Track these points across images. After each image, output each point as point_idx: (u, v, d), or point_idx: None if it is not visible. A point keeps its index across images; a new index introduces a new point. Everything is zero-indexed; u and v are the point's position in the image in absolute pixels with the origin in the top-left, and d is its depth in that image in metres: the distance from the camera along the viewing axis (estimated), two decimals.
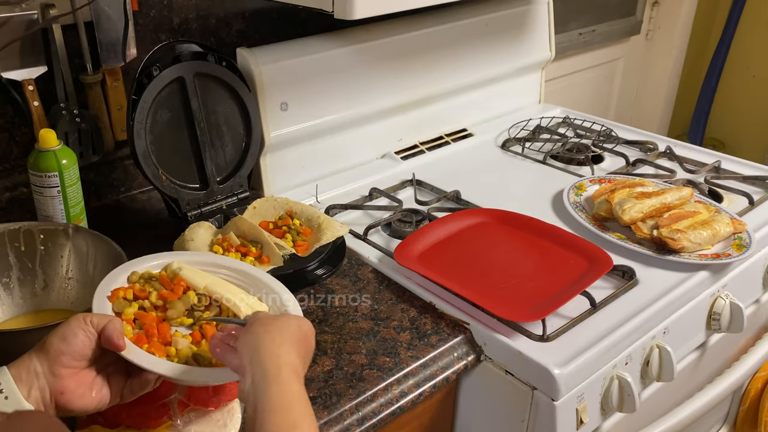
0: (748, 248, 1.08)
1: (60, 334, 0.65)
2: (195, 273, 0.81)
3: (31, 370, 0.64)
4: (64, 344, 0.64)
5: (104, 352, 0.68)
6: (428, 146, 1.45)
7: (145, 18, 1.13)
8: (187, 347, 0.73)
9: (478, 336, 0.92)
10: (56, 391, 0.64)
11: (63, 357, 0.64)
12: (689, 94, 2.56)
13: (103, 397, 0.67)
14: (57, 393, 0.64)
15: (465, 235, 1.11)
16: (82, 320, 0.66)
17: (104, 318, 0.67)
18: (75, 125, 1.10)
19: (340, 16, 0.94)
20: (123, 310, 0.74)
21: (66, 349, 0.64)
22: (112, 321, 0.67)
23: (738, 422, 1.37)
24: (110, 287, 0.76)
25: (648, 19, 2.32)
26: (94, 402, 0.66)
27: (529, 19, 1.58)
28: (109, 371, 0.68)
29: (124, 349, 0.67)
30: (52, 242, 0.90)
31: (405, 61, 1.36)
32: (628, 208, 1.12)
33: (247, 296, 0.81)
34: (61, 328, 0.66)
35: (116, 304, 0.75)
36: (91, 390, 0.66)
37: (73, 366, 0.65)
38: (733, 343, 1.24)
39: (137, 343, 0.70)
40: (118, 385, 0.68)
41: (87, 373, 0.66)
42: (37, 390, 0.63)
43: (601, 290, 0.99)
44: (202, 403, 0.73)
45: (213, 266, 0.85)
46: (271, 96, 1.17)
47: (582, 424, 0.89)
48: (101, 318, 0.67)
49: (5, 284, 0.89)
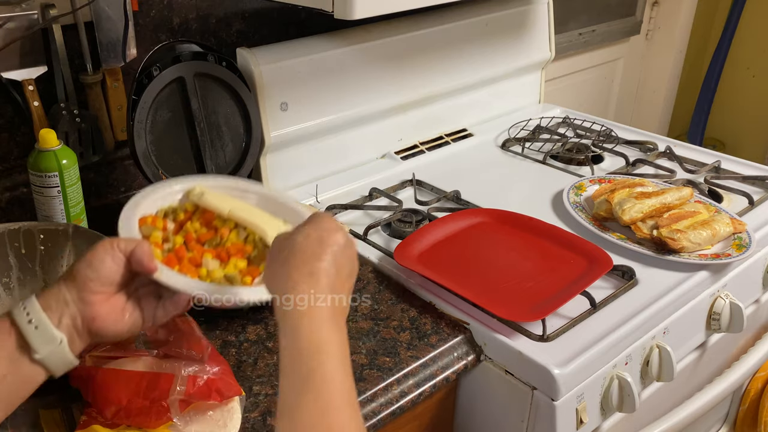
0: (748, 248, 1.08)
1: (87, 261, 0.64)
2: (218, 197, 0.78)
3: (60, 298, 0.63)
4: (92, 270, 0.63)
5: (134, 276, 0.67)
6: (428, 146, 1.45)
7: (145, 18, 1.13)
8: (219, 268, 0.72)
9: (478, 336, 0.93)
10: (88, 318, 0.63)
11: (91, 283, 0.63)
12: (689, 94, 2.56)
13: (135, 321, 0.67)
14: (89, 320, 0.64)
15: (465, 235, 1.11)
16: (109, 245, 0.65)
17: (132, 242, 0.66)
18: (75, 125, 1.10)
19: (340, 16, 0.94)
20: (151, 234, 0.72)
21: (94, 276, 0.63)
22: (140, 244, 0.66)
23: (738, 422, 1.37)
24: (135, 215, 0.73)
25: (648, 19, 2.32)
26: (127, 326, 0.66)
27: (529, 19, 1.58)
28: (140, 294, 0.67)
29: (155, 270, 0.66)
30: (52, 242, 0.90)
31: (405, 61, 1.36)
32: (628, 208, 1.12)
33: (272, 219, 0.78)
34: (88, 254, 0.65)
35: (144, 229, 0.73)
36: (123, 315, 0.66)
37: (103, 292, 0.64)
38: (732, 343, 1.24)
39: (168, 265, 0.69)
40: (150, 308, 0.67)
41: (118, 298, 0.66)
42: (68, 318, 0.63)
43: (601, 290, 0.99)
44: (204, 397, 0.73)
45: (236, 190, 0.81)
46: (271, 96, 1.17)
47: (582, 424, 0.89)
48: (129, 242, 0.66)
49: (5, 284, 0.89)
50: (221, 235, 0.77)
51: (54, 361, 0.62)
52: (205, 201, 0.78)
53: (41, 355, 0.61)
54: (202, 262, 0.73)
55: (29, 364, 0.61)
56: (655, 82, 2.43)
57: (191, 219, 0.78)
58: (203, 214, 0.78)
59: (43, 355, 0.61)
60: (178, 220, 0.77)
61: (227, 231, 0.77)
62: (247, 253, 0.76)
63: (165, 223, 0.76)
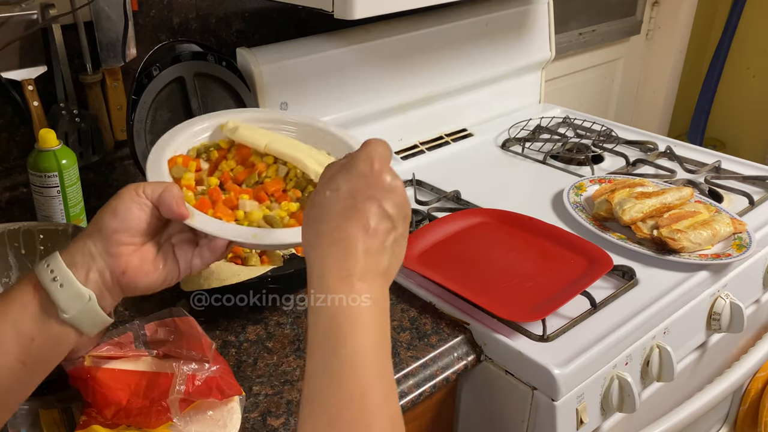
0: (748, 248, 1.08)
1: (111, 210, 0.59)
2: (253, 131, 0.72)
3: (86, 252, 0.58)
4: (117, 221, 0.58)
5: (166, 223, 0.62)
6: (428, 146, 1.45)
7: (145, 18, 1.13)
8: (257, 209, 0.66)
9: (478, 336, 0.92)
10: (117, 272, 0.59)
11: (117, 235, 0.58)
12: (689, 94, 2.56)
13: (170, 272, 0.62)
14: (118, 273, 0.59)
15: (465, 235, 1.11)
16: (134, 191, 0.59)
17: (159, 186, 0.60)
18: (75, 125, 1.10)
19: (340, 16, 0.94)
20: (182, 176, 0.67)
21: (119, 226, 0.58)
22: (168, 188, 0.60)
23: (738, 422, 1.37)
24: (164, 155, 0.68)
25: (648, 19, 2.32)
26: (161, 278, 0.62)
27: (529, 19, 1.58)
28: (174, 241, 0.63)
29: (187, 216, 0.60)
30: (52, 242, 0.90)
31: (405, 61, 1.36)
32: (628, 208, 1.12)
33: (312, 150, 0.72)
34: (112, 202, 0.59)
35: (174, 170, 0.68)
36: (156, 265, 0.61)
37: (131, 243, 0.59)
38: (733, 343, 1.24)
39: (201, 208, 0.63)
40: (187, 256, 0.62)
41: (149, 247, 0.61)
42: (96, 272, 0.58)
43: (601, 290, 0.99)
44: (204, 395, 0.73)
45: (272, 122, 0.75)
46: (271, 96, 1.17)
47: (582, 424, 0.89)
48: (155, 186, 0.60)
49: (5, 285, 0.89)
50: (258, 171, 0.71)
51: (84, 320, 0.58)
52: (239, 135, 0.71)
53: (70, 315, 0.57)
54: (238, 204, 0.67)
55: (58, 324, 0.57)
56: (655, 82, 2.43)
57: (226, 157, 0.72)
58: (239, 151, 0.72)
59: (72, 315, 0.57)
60: (211, 158, 0.71)
61: (265, 167, 0.72)
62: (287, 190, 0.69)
63: (198, 163, 0.71)
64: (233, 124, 0.73)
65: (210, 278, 0.89)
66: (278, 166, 0.72)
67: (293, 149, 0.71)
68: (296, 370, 0.85)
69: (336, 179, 0.56)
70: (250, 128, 0.72)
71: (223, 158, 0.72)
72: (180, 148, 0.71)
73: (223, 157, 0.72)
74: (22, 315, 0.56)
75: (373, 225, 0.54)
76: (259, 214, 0.66)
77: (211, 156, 0.72)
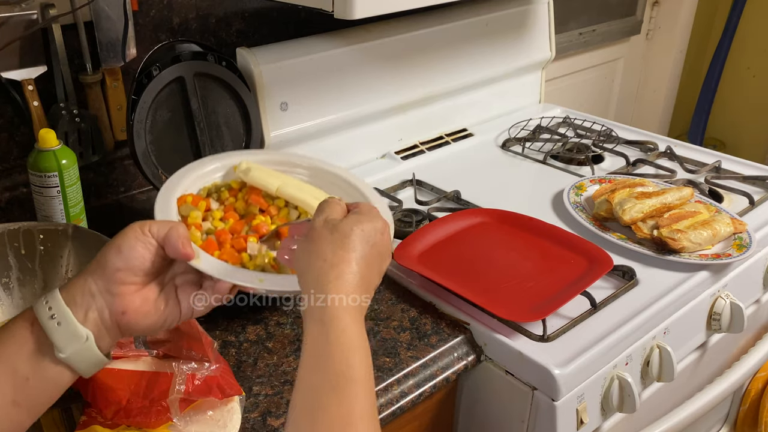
0: (749, 248, 1.08)
1: (115, 247, 0.57)
2: (266, 173, 0.72)
3: (86, 290, 0.57)
4: (120, 258, 0.57)
5: (170, 263, 0.61)
6: (428, 146, 1.45)
7: (145, 18, 1.13)
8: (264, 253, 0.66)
9: (478, 336, 0.92)
10: (117, 311, 0.57)
11: (120, 273, 0.57)
12: (689, 94, 2.56)
13: (171, 314, 0.61)
14: (118, 313, 0.57)
15: (465, 235, 1.11)
16: (139, 230, 0.58)
17: (165, 225, 0.59)
18: (75, 125, 1.10)
19: (340, 16, 0.94)
20: (189, 214, 0.66)
21: (123, 265, 0.57)
22: (174, 227, 0.59)
23: (738, 422, 1.37)
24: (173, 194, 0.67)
25: (648, 18, 2.32)
26: (161, 319, 0.60)
27: (529, 19, 1.58)
28: (177, 283, 0.62)
29: (193, 257, 0.59)
30: (51, 242, 0.90)
31: (405, 61, 1.36)
32: (628, 208, 1.12)
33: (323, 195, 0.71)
34: (116, 239, 0.58)
35: (182, 209, 0.67)
36: (157, 306, 0.60)
37: (134, 282, 0.58)
38: (733, 344, 1.24)
39: (207, 249, 0.63)
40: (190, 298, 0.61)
41: (151, 288, 0.60)
42: (95, 312, 0.57)
43: (601, 290, 0.99)
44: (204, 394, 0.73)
45: (284, 165, 0.75)
46: (271, 96, 1.17)
47: (582, 424, 0.89)
48: (161, 225, 0.59)
49: (5, 284, 0.89)
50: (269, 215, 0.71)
51: (80, 361, 0.56)
52: (251, 177, 0.71)
53: (66, 355, 0.55)
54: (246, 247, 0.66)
55: (53, 364, 0.56)
56: (655, 82, 2.43)
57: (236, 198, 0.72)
58: (250, 192, 0.72)
59: (68, 354, 0.55)
60: (222, 199, 0.71)
61: (276, 210, 0.71)
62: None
63: (208, 202, 0.70)
64: (246, 165, 0.73)
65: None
66: (289, 209, 0.72)
67: (304, 193, 0.71)
68: (296, 370, 0.84)
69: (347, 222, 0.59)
70: (263, 170, 0.72)
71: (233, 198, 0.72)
72: (190, 187, 0.71)
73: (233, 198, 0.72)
74: (18, 353, 0.55)
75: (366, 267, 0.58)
76: (265, 258, 0.66)
77: (222, 196, 0.72)
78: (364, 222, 0.59)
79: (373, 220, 0.59)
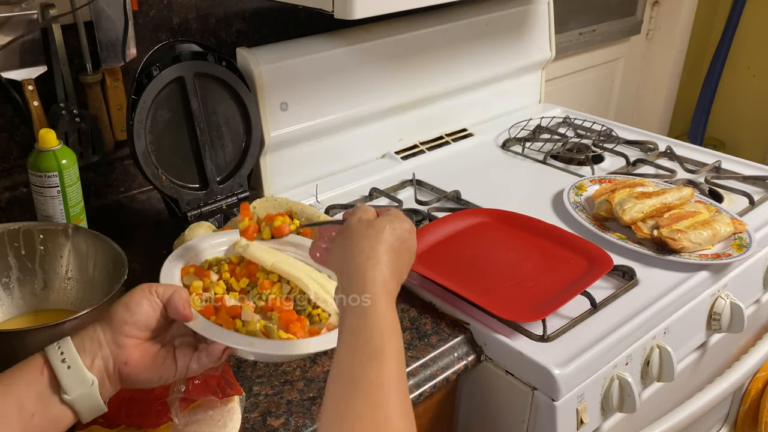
0: (749, 248, 1.08)
1: (124, 304, 0.64)
2: (263, 250, 0.80)
3: (95, 339, 0.63)
4: (128, 314, 0.63)
5: (171, 324, 0.67)
6: (428, 146, 1.45)
7: (145, 18, 1.13)
8: (256, 320, 0.72)
9: (478, 336, 0.92)
10: (120, 361, 0.63)
11: (126, 327, 0.63)
12: (689, 94, 2.56)
13: (167, 370, 0.66)
14: (120, 363, 0.63)
15: (465, 235, 1.11)
16: (147, 290, 0.65)
17: (170, 288, 0.66)
18: (75, 125, 1.10)
19: (340, 16, 0.94)
20: (191, 284, 0.73)
21: (130, 319, 0.63)
22: (178, 290, 0.66)
23: (738, 422, 1.37)
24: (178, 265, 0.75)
25: (648, 19, 2.32)
26: (158, 374, 0.65)
27: (529, 19, 1.58)
28: (176, 343, 0.67)
29: (191, 318, 0.66)
30: (51, 242, 0.90)
31: (405, 61, 1.36)
32: (628, 208, 1.12)
33: (315, 272, 0.80)
34: (126, 297, 0.65)
35: (186, 279, 0.74)
36: (156, 361, 0.65)
37: (137, 336, 0.64)
38: (733, 343, 1.24)
39: (205, 314, 0.69)
40: (185, 358, 0.67)
41: (152, 344, 0.66)
42: (101, 359, 0.62)
43: (601, 290, 0.99)
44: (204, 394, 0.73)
45: (279, 243, 0.83)
46: (271, 96, 1.17)
47: (582, 424, 0.89)
48: (167, 288, 0.66)
49: (5, 284, 0.89)
50: (262, 287, 0.78)
51: (83, 404, 0.61)
52: (249, 253, 0.79)
53: (71, 397, 0.60)
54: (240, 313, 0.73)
55: (59, 404, 0.60)
56: (655, 82, 2.43)
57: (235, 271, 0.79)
58: (247, 266, 0.79)
59: (73, 397, 0.61)
60: (222, 271, 0.79)
61: (269, 284, 0.79)
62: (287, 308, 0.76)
63: (209, 274, 0.78)
64: (245, 242, 0.79)
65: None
66: (282, 284, 0.79)
67: (297, 270, 0.78)
68: (296, 370, 0.84)
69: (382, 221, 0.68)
70: (260, 247, 0.80)
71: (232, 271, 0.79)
72: (194, 259, 0.78)
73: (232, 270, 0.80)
74: (28, 391, 0.60)
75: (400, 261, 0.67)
76: (258, 325, 0.72)
77: (222, 269, 0.79)
78: (395, 222, 0.67)
79: (403, 221, 0.68)
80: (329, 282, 0.80)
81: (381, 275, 0.63)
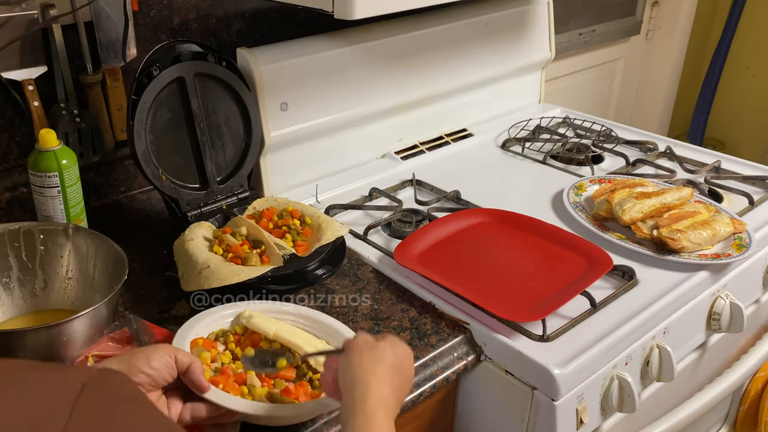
0: (748, 248, 1.08)
1: (146, 355, 0.68)
2: (265, 320, 0.85)
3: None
4: (147, 366, 0.67)
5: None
6: (428, 146, 1.45)
7: (145, 18, 1.13)
8: (261, 386, 0.77)
9: (478, 336, 0.92)
10: None
11: (141, 375, 0.67)
12: (689, 94, 2.56)
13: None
14: None
15: (465, 235, 1.11)
16: (172, 351, 0.69)
17: (188, 357, 0.70)
18: (75, 125, 1.10)
19: (340, 16, 0.94)
20: (200, 355, 0.78)
21: (146, 370, 0.67)
22: (195, 362, 0.70)
23: (738, 422, 1.37)
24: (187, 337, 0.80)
25: (648, 19, 2.32)
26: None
27: (529, 19, 1.58)
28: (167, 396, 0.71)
29: (208, 390, 0.70)
30: (52, 242, 0.90)
31: (405, 61, 1.36)
32: (628, 208, 1.12)
33: (314, 340, 0.85)
34: (150, 350, 0.69)
35: (195, 350, 0.79)
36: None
37: (144, 384, 0.67)
38: (733, 343, 1.24)
39: (213, 382, 0.73)
40: (176, 408, 0.70)
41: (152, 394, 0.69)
42: None
43: (601, 290, 0.99)
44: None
45: (280, 313, 0.89)
46: (271, 96, 1.17)
47: (582, 424, 0.89)
48: (185, 357, 0.70)
49: (5, 284, 0.89)
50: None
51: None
52: (253, 324, 0.84)
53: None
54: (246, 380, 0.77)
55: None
56: (655, 82, 2.43)
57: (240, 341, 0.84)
58: (251, 336, 0.84)
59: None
60: (227, 342, 0.83)
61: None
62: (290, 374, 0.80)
63: (216, 345, 0.82)
64: (249, 313, 0.86)
65: (210, 278, 0.89)
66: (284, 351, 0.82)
67: (297, 338, 0.83)
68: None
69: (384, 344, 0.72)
70: (263, 317, 0.85)
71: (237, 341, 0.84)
72: (202, 331, 0.83)
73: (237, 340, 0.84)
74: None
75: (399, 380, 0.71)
76: (263, 391, 0.76)
77: (228, 340, 0.84)
78: (396, 345, 0.72)
79: (402, 345, 0.73)
80: (327, 348, 0.84)
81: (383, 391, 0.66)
